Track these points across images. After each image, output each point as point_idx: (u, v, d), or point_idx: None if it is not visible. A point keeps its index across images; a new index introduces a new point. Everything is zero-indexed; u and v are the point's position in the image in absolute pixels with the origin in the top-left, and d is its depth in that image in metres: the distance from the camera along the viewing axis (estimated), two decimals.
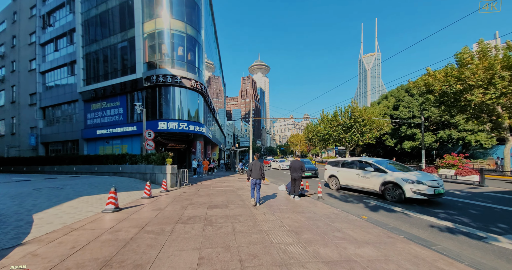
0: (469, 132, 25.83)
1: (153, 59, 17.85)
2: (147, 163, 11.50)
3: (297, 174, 7.75)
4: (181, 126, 17.69)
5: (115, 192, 5.42)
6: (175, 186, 10.80)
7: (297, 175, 7.75)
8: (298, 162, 7.85)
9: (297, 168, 7.75)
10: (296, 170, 7.76)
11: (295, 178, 7.80)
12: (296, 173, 7.76)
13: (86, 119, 22.01)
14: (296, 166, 7.77)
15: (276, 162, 27.26)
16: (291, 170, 7.91)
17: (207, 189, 10.06)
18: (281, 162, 26.39)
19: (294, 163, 7.86)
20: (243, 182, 13.04)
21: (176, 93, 18.02)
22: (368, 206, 6.95)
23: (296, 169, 7.75)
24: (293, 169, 7.82)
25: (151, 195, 7.72)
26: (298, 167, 7.74)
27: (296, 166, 7.77)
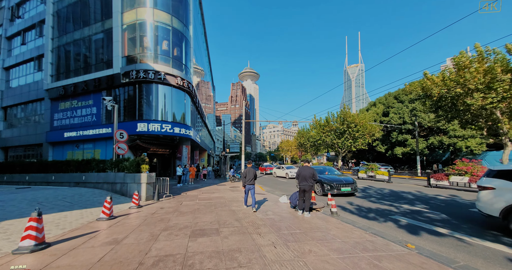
0: (460, 138, 26.00)
1: (133, 53, 15.88)
2: (118, 171, 9.36)
3: (307, 184, 6.14)
4: (165, 128, 15.62)
5: (37, 219, 3.35)
6: (152, 199, 8.74)
7: (307, 185, 6.14)
8: (308, 168, 6.27)
9: (307, 176, 6.15)
10: (305, 179, 6.16)
11: (304, 189, 6.18)
12: (305, 183, 6.15)
13: (52, 120, 19.19)
14: (305, 174, 6.17)
15: (282, 169, 22.01)
16: (300, 179, 6.30)
17: (192, 203, 8.13)
18: (289, 168, 21.20)
19: (303, 171, 6.26)
20: (236, 192, 11.20)
21: (160, 91, 16.04)
22: (400, 225, 5.46)
23: (306, 177, 6.15)
24: (302, 177, 6.21)
25: (112, 215, 5.68)
26: (308, 175, 6.15)
27: (306, 174, 6.17)
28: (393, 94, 39.40)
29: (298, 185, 6.43)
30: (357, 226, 5.18)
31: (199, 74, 27.55)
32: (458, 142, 25.70)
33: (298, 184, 6.39)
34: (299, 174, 6.36)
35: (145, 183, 8.62)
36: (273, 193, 11.15)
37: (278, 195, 10.38)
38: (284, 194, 10.57)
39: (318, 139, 35.57)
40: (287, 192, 11.84)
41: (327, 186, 9.54)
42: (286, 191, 12.22)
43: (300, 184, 6.29)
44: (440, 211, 6.75)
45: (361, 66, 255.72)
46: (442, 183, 11.72)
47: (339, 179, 9.77)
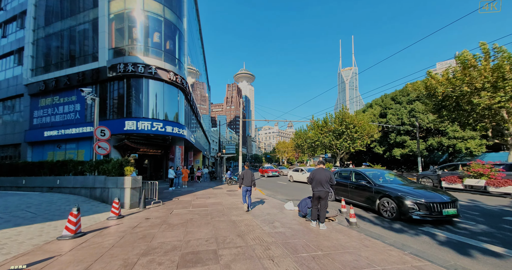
0: (459, 140, 25.73)
1: (121, 44, 14.60)
2: (98, 174, 8.09)
3: (323, 190, 5.12)
4: (156, 127, 14.35)
5: None
6: (138, 206, 7.52)
7: (323, 191, 5.12)
8: (324, 171, 5.25)
9: (323, 180, 5.13)
10: (321, 184, 5.14)
11: (320, 196, 5.15)
12: (321, 189, 5.13)
13: (32, 118, 17.58)
14: (321, 178, 5.16)
15: (302, 173, 17.12)
16: (313, 183, 5.28)
17: (184, 211, 6.96)
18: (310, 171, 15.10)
19: (318, 174, 5.24)
20: (234, 196, 10.07)
21: (150, 86, 14.78)
22: (440, 241, 4.50)
23: (322, 182, 5.13)
24: (317, 182, 5.19)
25: (79, 231, 4.47)
26: (324, 180, 5.13)
27: (321, 178, 5.15)
28: (390, 96, 39.21)
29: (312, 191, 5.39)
30: (388, 242, 4.18)
31: (194, 75, 26.35)
32: (457, 144, 25.41)
33: (312, 189, 5.36)
34: (312, 178, 5.33)
35: (130, 188, 7.40)
36: (274, 198, 10.09)
37: (280, 200, 9.34)
38: (288, 199, 9.53)
39: (316, 140, 34.83)
40: (289, 196, 10.81)
41: (414, 206, 5.54)
42: (288, 195, 11.18)
43: (314, 189, 5.26)
44: (474, 221, 5.85)
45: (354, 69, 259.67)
46: (455, 186, 10.95)
47: (432, 195, 5.74)
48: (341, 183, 8.37)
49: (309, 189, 13.08)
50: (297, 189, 13.60)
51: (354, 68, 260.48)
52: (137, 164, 20.54)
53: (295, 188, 13.88)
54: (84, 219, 5.79)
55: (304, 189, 13.28)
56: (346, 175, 8.51)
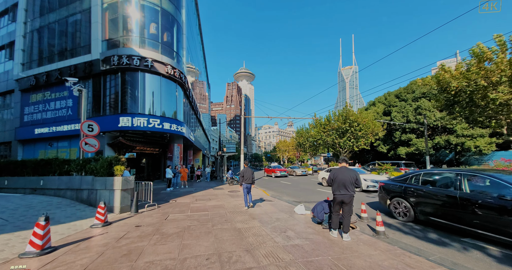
0: (468, 138, 24.89)
1: (115, 36, 13.70)
2: (85, 174, 7.23)
3: (347, 194, 4.27)
4: (152, 123, 13.49)
5: None
6: (129, 211, 6.67)
7: (348, 195, 4.27)
8: (348, 171, 4.40)
9: (347, 182, 4.28)
10: (345, 186, 4.29)
11: (343, 200, 4.30)
12: (345, 192, 4.28)
13: (23, 115, 16.70)
14: (344, 179, 4.30)
15: None
16: (335, 185, 4.42)
17: (181, 216, 6.11)
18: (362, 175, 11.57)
19: (341, 174, 4.39)
20: (237, 198, 9.22)
21: (147, 81, 13.90)
22: (497, 257, 3.66)
23: (346, 183, 4.28)
24: (339, 183, 4.34)
25: (48, 246, 3.61)
26: (348, 181, 4.28)
27: (345, 179, 4.30)
28: (393, 93, 38.36)
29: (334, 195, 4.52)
30: (434, 259, 3.34)
31: (193, 74, 25.45)
32: (466, 142, 24.57)
33: (333, 192, 4.50)
34: (333, 179, 4.48)
35: (120, 190, 6.55)
36: (280, 199, 9.26)
37: (287, 202, 8.49)
38: (295, 201, 8.67)
39: (318, 139, 33.98)
40: (295, 197, 9.95)
41: None
42: (295, 196, 10.33)
43: (336, 193, 4.40)
44: None
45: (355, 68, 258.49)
46: None
47: None
48: (435, 196, 4.84)
49: (315, 190, 12.28)
50: (303, 189, 12.77)
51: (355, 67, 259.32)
52: (134, 163, 19.76)
53: (301, 189, 13.05)
54: (63, 228, 4.94)
55: (310, 190, 12.44)
56: (446, 181, 4.95)
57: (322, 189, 12.72)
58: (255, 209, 7.03)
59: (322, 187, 13.39)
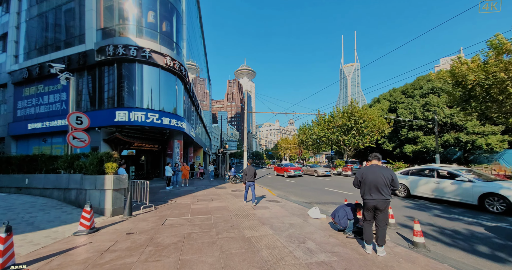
0: (479, 135, 23.96)
1: (111, 24, 12.83)
2: (73, 172, 6.47)
3: (381, 198, 3.47)
4: (151, 118, 12.71)
5: None
6: (122, 213, 5.92)
7: (382, 200, 3.48)
8: (381, 170, 3.61)
9: (381, 183, 3.49)
10: (377, 189, 3.50)
11: (376, 206, 3.51)
12: (378, 196, 3.49)
13: (16, 109, 15.96)
14: (376, 180, 3.51)
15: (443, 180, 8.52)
16: (365, 187, 3.63)
17: (180, 221, 5.36)
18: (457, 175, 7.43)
19: (371, 173, 3.60)
20: (242, 198, 8.46)
21: (145, 72, 13.07)
22: None
23: (379, 185, 3.49)
24: (371, 185, 3.55)
25: (11, 264, 2.87)
26: (382, 182, 3.49)
27: (378, 180, 3.50)
28: (399, 89, 37.33)
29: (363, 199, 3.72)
30: None
31: (194, 71, 24.56)
32: (477, 139, 23.65)
33: (363, 195, 3.70)
34: (362, 180, 3.69)
35: (111, 190, 5.79)
36: (288, 200, 8.52)
37: (296, 203, 7.73)
38: (305, 201, 7.89)
39: (322, 136, 33.11)
40: (304, 197, 9.17)
41: None
42: (303, 196, 9.56)
43: (366, 197, 3.61)
44: None
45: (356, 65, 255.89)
46: None
47: None
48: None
49: (324, 189, 11.39)
50: (312, 189, 11.99)
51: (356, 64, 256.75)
52: (134, 160, 19.09)
53: (309, 188, 12.28)
54: (41, 235, 4.19)
55: (319, 190, 11.66)
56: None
57: (331, 188, 11.94)
58: (264, 212, 6.27)
59: (331, 187, 12.61)
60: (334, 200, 8.47)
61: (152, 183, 14.81)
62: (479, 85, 14.83)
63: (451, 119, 25.94)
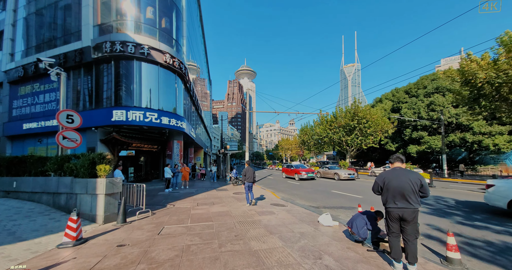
0: (486, 135, 23.43)
1: (108, 20, 12.39)
2: (63, 174, 5.99)
3: (409, 207, 2.99)
4: (149, 118, 12.24)
5: None
6: (115, 220, 5.42)
7: (410, 210, 2.98)
8: (406, 173, 3.11)
9: (407, 189, 3.01)
10: (403, 196, 3.02)
11: (403, 216, 3.00)
12: (404, 205, 3.01)
13: (11, 109, 15.52)
14: (402, 185, 3.03)
15: None
16: (388, 194, 3.14)
17: (179, 229, 4.86)
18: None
19: (396, 178, 3.10)
20: (245, 202, 7.95)
21: (143, 70, 12.61)
22: None
23: (405, 192, 3.01)
24: (395, 191, 3.07)
25: None
26: (409, 188, 3.00)
27: (404, 185, 3.02)
28: (402, 89, 36.86)
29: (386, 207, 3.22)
30: None
31: (195, 71, 24.11)
32: (484, 140, 23.13)
33: (387, 205, 3.19)
34: (384, 185, 3.20)
35: (104, 195, 5.30)
36: (294, 203, 8.04)
37: (303, 207, 7.22)
38: (312, 206, 7.35)
39: (324, 136, 32.59)
40: (311, 201, 8.65)
41: None
42: (310, 200, 9.04)
43: (389, 205, 3.11)
44: None
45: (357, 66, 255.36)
46: None
47: None
48: None
49: (331, 192, 10.72)
50: (317, 191, 11.48)
51: (357, 65, 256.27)
52: (133, 161, 18.59)
53: (314, 190, 11.76)
54: (21, 248, 3.69)
55: (325, 192, 11.14)
56: None
57: (338, 191, 11.42)
58: (270, 218, 5.77)
59: (337, 189, 12.08)
60: (343, 204, 7.96)
61: (151, 185, 14.32)
62: (489, 83, 14.31)
63: (457, 119, 25.43)
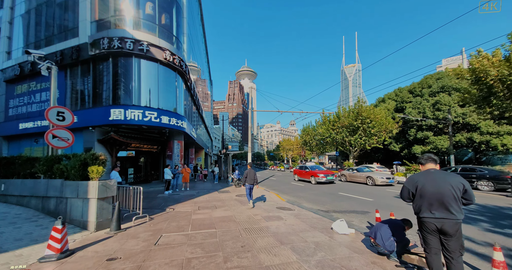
0: (494, 135, 22.82)
1: (106, 16, 11.96)
2: (52, 176, 5.51)
3: (450, 217, 2.49)
4: (148, 117, 11.78)
5: None
6: (108, 227, 4.94)
7: (452, 221, 2.48)
8: (446, 177, 2.61)
9: (447, 195, 2.51)
10: (443, 204, 2.54)
11: (443, 228, 2.50)
12: (446, 215, 2.51)
13: (7, 108, 15.13)
14: (442, 191, 2.53)
15: None
16: (423, 201, 2.63)
17: (178, 239, 4.37)
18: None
19: (433, 182, 2.58)
20: (249, 205, 7.45)
21: (142, 68, 12.17)
22: None
23: (445, 199, 2.51)
24: (430, 199, 2.56)
25: None
26: (449, 194, 2.51)
27: (443, 191, 2.52)
28: (406, 89, 36.32)
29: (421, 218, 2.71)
30: None
31: (196, 72, 23.68)
32: (492, 140, 22.51)
33: (418, 213, 2.69)
34: (419, 190, 2.69)
35: (96, 199, 4.82)
36: (301, 206, 7.57)
37: (312, 211, 6.72)
38: (321, 209, 6.81)
39: (327, 137, 32.06)
40: (319, 204, 8.12)
41: None
42: (317, 202, 8.51)
43: (424, 215, 2.63)
44: None
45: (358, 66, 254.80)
46: None
47: None
48: None
49: (337, 194, 9.99)
50: (323, 193, 10.96)
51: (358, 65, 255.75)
52: (133, 162, 18.12)
53: (320, 192, 11.24)
54: (0, 261, 3.21)
55: (332, 194, 10.61)
56: None
57: (346, 193, 10.90)
58: (278, 225, 5.27)
59: (344, 191, 11.55)
60: (354, 208, 7.44)
61: (150, 187, 13.86)
62: (501, 81, 13.79)
63: (464, 119, 24.84)
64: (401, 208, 7.18)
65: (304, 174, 16.38)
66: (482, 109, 15.98)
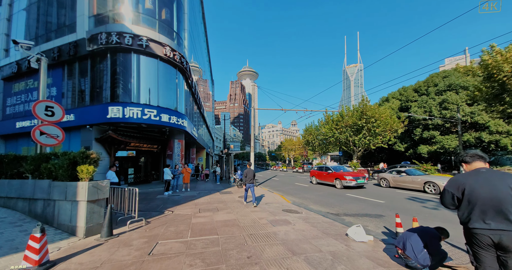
0: (503, 135, 22.12)
1: (104, 10, 11.56)
2: (40, 177, 5.07)
3: (508, 228, 1.96)
4: (148, 115, 11.35)
5: None
6: (99, 233, 4.47)
7: (509, 232, 1.95)
8: (501, 178, 2.08)
9: (505, 200, 1.98)
10: (499, 211, 2.01)
11: (502, 242, 1.97)
12: (504, 226, 1.98)
13: (5, 107, 14.80)
14: (496, 195, 2.01)
15: None
16: (474, 208, 2.11)
17: (175, 248, 3.89)
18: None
19: (484, 184, 2.08)
20: (254, 208, 6.95)
21: (142, 64, 11.74)
22: None
23: (503, 204, 1.98)
24: (482, 205, 2.06)
25: None
26: (507, 198, 1.97)
27: (499, 195, 2.00)
28: (410, 88, 35.65)
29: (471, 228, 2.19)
30: None
31: (197, 73, 23.28)
32: (502, 139, 21.82)
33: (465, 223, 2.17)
34: (467, 194, 2.18)
35: (85, 202, 4.36)
36: (308, 209, 7.07)
37: (321, 214, 6.20)
38: (330, 212, 6.25)
39: (330, 136, 31.48)
40: (327, 206, 7.59)
41: None
42: (324, 204, 7.99)
43: (475, 225, 2.13)
44: None
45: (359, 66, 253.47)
46: None
47: None
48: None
49: (345, 195, 9.33)
50: (330, 194, 10.42)
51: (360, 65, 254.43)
52: (133, 162, 17.71)
53: (326, 193, 10.71)
54: None
55: (339, 195, 10.07)
56: None
57: (353, 194, 10.35)
58: (287, 230, 4.77)
59: (352, 192, 10.98)
60: (367, 211, 6.91)
61: (150, 187, 13.43)
62: None
63: (472, 118, 24.13)
64: (420, 212, 6.64)
65: (325, 176, 13.57)
66: (493, 107, 15.35)
